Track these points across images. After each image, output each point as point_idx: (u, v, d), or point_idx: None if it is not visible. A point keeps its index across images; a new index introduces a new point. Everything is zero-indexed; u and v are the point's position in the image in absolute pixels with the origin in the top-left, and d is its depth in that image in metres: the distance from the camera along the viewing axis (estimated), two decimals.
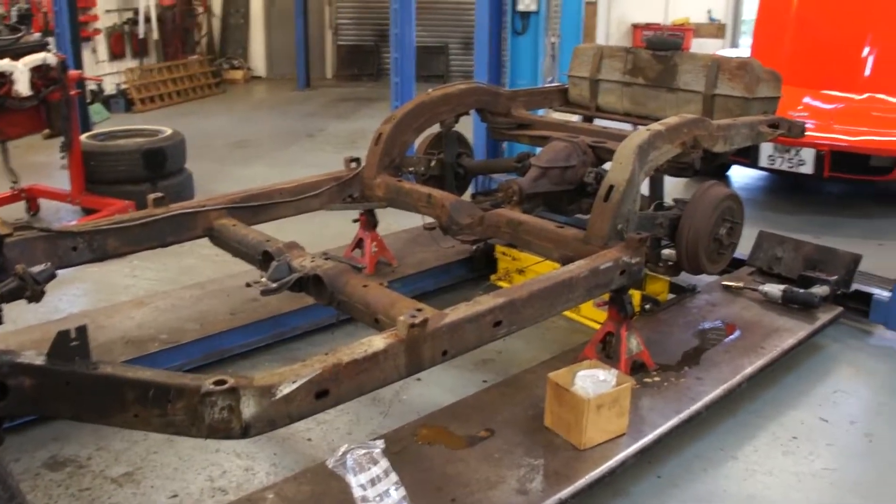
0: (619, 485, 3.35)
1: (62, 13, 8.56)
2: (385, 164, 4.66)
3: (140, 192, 6.34)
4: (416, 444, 3.24)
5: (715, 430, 3.81)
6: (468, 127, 6.17)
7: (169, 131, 7.23)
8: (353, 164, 4.68)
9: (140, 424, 2.43)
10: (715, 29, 15.77)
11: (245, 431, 2.37)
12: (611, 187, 3.68)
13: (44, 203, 7.04)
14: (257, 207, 4.26)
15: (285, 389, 2.41)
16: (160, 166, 6.91)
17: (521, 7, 7.21)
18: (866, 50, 7.47)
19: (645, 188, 4.13)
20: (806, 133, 5.02)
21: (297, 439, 3.65)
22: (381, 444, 2.73)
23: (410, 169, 4.93)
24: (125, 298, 4.93)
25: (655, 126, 3.95)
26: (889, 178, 7.02)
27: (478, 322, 2.96)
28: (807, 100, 7.38)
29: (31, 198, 6.93)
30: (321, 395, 2.50)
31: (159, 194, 4.04)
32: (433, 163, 5.00)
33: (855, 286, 4.81)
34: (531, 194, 4.34)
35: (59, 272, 3.64)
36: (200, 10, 14.98)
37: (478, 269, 5.44)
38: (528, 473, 3.07)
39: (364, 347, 2.63)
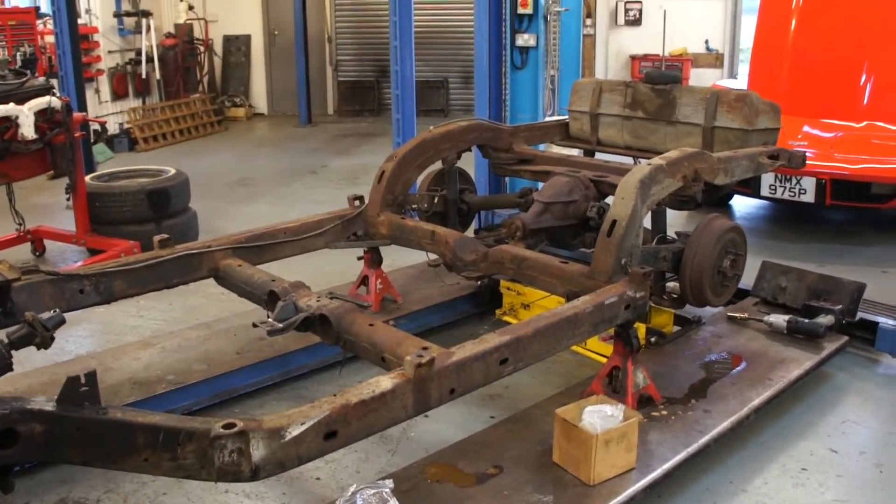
0: None
1: (66, 56, 8.63)
2: (388, 202, 4.69)
3: (145, 232, 6.38)
4: (425, 482, 3.23)
5: (724, 463, 3.79)
6: (470, 163, 6.22)
7: (172, 171, 7.27)
8: (357, 203, 4.71)
9: (150, 468, 2.44)
10: (713, 59, 15.87)
11: (255, 474, 2.38)
12: (614, 222, 3.70)
13: (49, 244, 7.07)
14: (262, 247, 4.29)
15: (294, 431, 2.42)
16: (164, 206, 6.94)
17: (520, 42, 7.28)
18: (864, 78, 7.51)
19: (647, 222, 4.16)
20: (806, 162, 5.05)
21: (306, 479, 3.64)
22: (390, 483, 2.73)
23: (414, 206, 4.96)
24: (132, 339, 4.94)
25: (657, 160, 3.98)
26: (890, 206, 7.04)
27: (484, 360, 2.97)
28: (806, 129, 7.41)
29: (36, 239, 6.96)
30: (330, 436, 2.51)
31: (165, 236, 4.07)
32: (436, 199, 5.04)
33: (860, 315, 4.81)
34: (535, 230, 4.36)
35: (67, 314, 3.68)
36: (202, 49, 15.12)
37: (483, 304, 5.45)
38: None
39: (372, 388, 2.64)
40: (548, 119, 7.26)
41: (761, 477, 3.72)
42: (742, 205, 8.74)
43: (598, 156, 5.50)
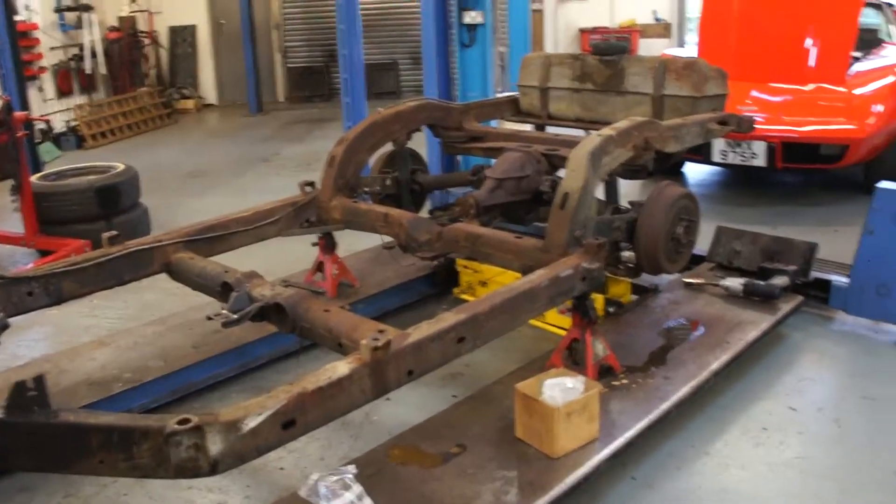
0: (594, 490, 3.35)
1: (4, 54, 8.47)
2: (340, 186, 4.64)
3: (95, 230, 6.20)
4: (389, 465, 3.22)
5: (686, 428, 3.83)
6: (422, 143, 6.18)
7: (121, 167, 7.14)
8: (309, 189, 4.66)
9: (106, 470, 2.39)
10: (661, 29, 15.95)
11: (213, 468, 2.34)
12: (566, 195, 3.70)
13: None
14: (214, 238, 4.22)
15: (251, 423, 2.38)
16: (114, 203, 6.83)
17: (467, 20, 7.23)
18: (809, 41, 7.57)
19: (600, 193, 4.16)
20: (755, 127, 5.08)
21: (270, 469, 3.61)
22: (352, 468, 2.72)
23: (366, 189, 4.92)
24: (86, 339, 4.85)
25: (606, 131, 3.98)
26: (839, 166, 7.13)
27: (441, 339, 2.95)
28: (755, 93, 7.46)
29: None
30: (288, 425, 2.48)
31: (114, 233, 3.99)
32: (388, 181, 5.00)
33: (814, 274, 4.88)
34: (488, 206, 4.35)
35: (17, 318, 3.61)
36: (147, 41, 14.88)
37: (440, 283, 5.43)
38: (503, 486, 3.06)
39: (328, 374, 2.61)
40: (498, 95, 7.23)
41: (722, 439, 3.76)
42: (695, 172, 8.81)
43: (550, 129, 5.50)
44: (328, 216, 4.63)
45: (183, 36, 15.65)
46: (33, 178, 6.87)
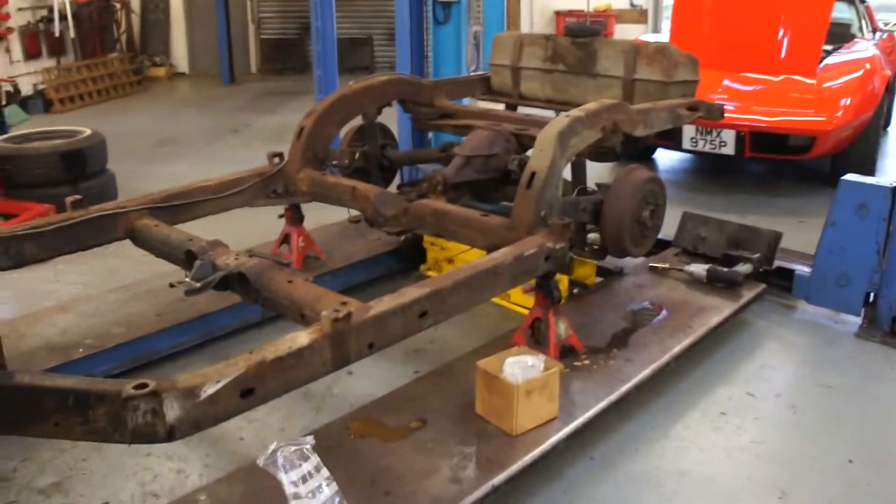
0: (553, 469, 3.38)
1: None
2: (308, 158, 4.61)
3: (60, 194, 6.09)
4: (348, 438, 3.22)
5: (647, 410, 3.86)
6: (393, 118, 6.16)
7: (88, 132, 7.04)
8: (276, 160, 4.63)
9: (61, 433, 2.37)
10: (637, 14, 15.99)
11: (170, 435, 2.33)
12: (532, 174, 3.70)
13: None
14: (179, 206, 4.18)
15: (209, 390, 2.37)
16: (80, 168, 6.74)
17: None
18: (781, 32, 7.62)
19: (568, 174, 4.17)
20: (725, 115, 5.11)
21: (230, 439, 3.61)
22: (310, 439, 2.70)
23: (334, 162, 4.89)
24: (49, 304, 4.80)
25: (575, 112, 3.98)
26: (807, 157, 7.20)
27: (403, 313, 2.95)
28: (726, 82, 7.51)
29: None
30: (246, 393, 2.47)
31: (77, 197, 3.94)
32: (357, 155, 4.97)
33: (777, 263, 4.93)
34: (456, 184, 4.34)
35: None
36: (118, 6, 14.67)
37: (407, 259, 5.43)
38: (461, 462, 3.08)
39: (288, 344, 2.61)
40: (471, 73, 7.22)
41: (682, 422, 3.80)
42: (665, 158, 8.86)
43: (521, 109, 5.50)
44: (296, 188, 4.60)
45: (155, 2, 15.46)
46: None
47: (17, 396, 2.32)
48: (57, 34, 12.92)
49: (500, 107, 5.73)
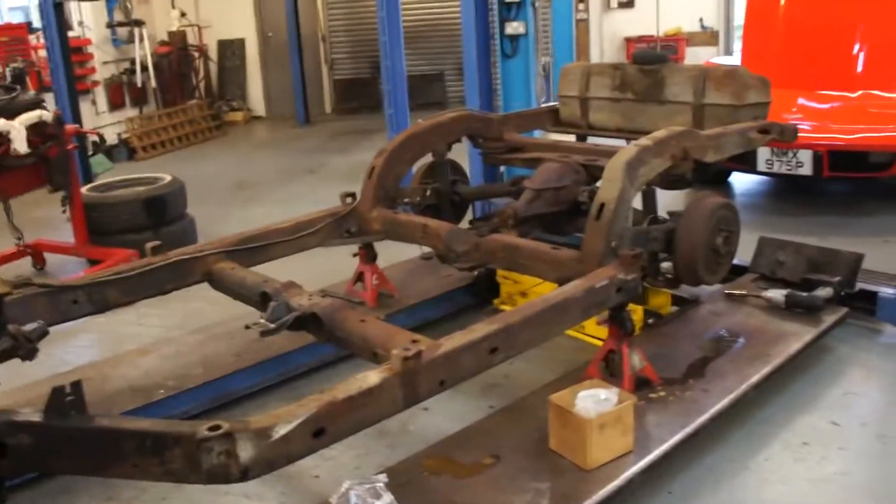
0: None
1: (58, 69, 8.67)
2: (380, 197, 4.68)
3: (143, 240, 6.28)
4: (421, 475, 3.23)
5: (725, 441, 3.78)
6: (465, 154, 6.20)
7: (168, 178, 7.27)
8: (349, 199, 4.70)
9: (140, 474, 2.44)
10: (708, 37, 15.78)
11: (244, 475, 2.38)
12: (602, 205, 3.69)
13: (50, 257, 7.08)
14: (255, 249, 4.28)
15: (281, 430, 2.41)
16: (161, 213, 6.95)
17: (509, 31, 7.25)
18: (857, 46, 7.47)
19: (639, 203, 4.14)
20: (798, 135, 5.02)
21: (305, 476, 3.64)
22: (383, 477, 2.73)
23: (406, 200, 4.94)
24: (131, 347, 4.94)
25: (643, 141, 3.97)
26: (889, 174, 7.00)
27: (474, 350, 2.96)
28: (801, 101, 7.38)
29: (36, 252, 6.96)
30: (318, 433, 2.51)
31: (157, 242, 4.08)
32: (428, 192, 5.01)
33: (860, 285, 4.78)
34: (527, 217, 4.35)
35: (66, 325, 3.70)
36: (197, 55, 15.12)
37: (480, 294, 5.44)
38: (535, 498, 3.05)
39: (359, 383, 2.64)
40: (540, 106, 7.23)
41: (763, 453, 3.70)
42: (740, 181, 8.70)
43: (591, 139, 5.49)
44: (368, 227, 4.66)
45: (232, 49, 15.86)
46: (83, 190, 7.04)
47: (97, 439, 2.40)
48: (139, 84, 13.41)
49: (571, 138, 5.73)
